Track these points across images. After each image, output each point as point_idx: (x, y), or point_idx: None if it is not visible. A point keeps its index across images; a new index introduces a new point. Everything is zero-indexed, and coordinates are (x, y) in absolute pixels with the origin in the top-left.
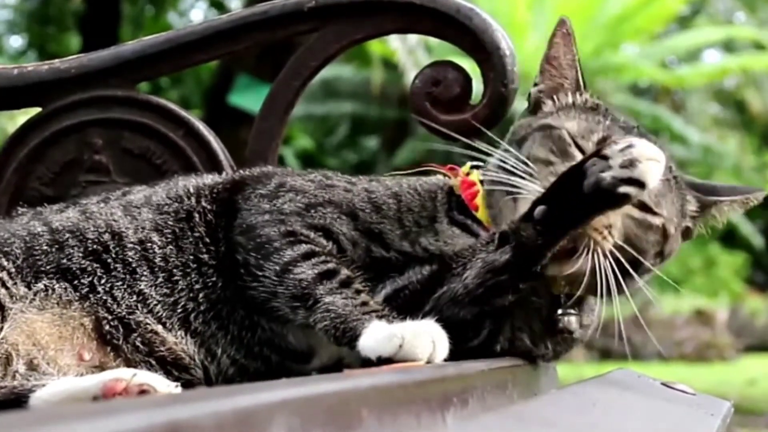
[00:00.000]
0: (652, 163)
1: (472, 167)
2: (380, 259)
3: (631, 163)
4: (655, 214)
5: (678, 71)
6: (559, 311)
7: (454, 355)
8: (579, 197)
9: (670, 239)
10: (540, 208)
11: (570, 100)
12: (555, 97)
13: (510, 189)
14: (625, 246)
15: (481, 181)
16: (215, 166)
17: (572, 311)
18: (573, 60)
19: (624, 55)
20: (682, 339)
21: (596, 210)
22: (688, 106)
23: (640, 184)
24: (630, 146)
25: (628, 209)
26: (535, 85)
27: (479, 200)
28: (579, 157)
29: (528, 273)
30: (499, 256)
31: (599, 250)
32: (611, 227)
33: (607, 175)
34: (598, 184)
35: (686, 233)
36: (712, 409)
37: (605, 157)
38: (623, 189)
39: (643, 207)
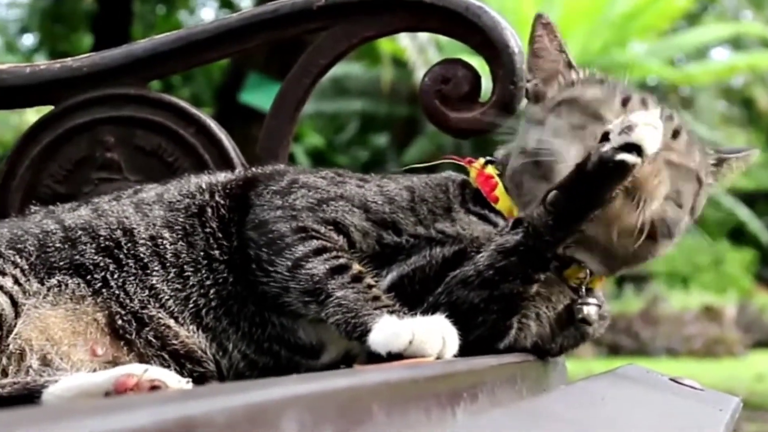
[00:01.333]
0: (648, 128)
1: (487, 162)
2: (391, 245)
3: (628, 129)
4: (688, 160)
5: (686, 69)
6: (579, 301)
7: (463, 345)
8: (586, 178)
9: (702, 191)
10: (552, 193)
11: (573, 77)
12: (558, 79)
13: (545, 163)
14: (671, 194)
15: (499, 174)
16: (226, 163)
17: (592, 300)
18: (560, 45)
19: (632, 52)
20: (690, 335)
21: (603, 186)
22: (696, 104)
23: (638, 150)
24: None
25: (667, 154)
26: (529, 81)
27: (498, 192)
28: (610, 117)
29: (539, 258)
30: (510, 237)
31: (655, 197)
32: (660, 174)
33: (607, 147)
34: (600, 158)
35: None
36: (721, 405)
37: (607, 137)
38: (621, 156)
39: (677, 152)
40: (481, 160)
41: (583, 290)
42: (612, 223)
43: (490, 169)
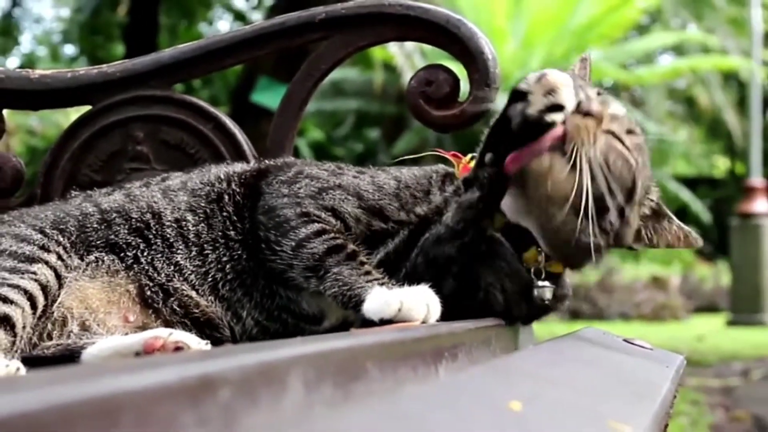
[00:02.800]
0: (567, 88)
1: (472, 158)
2: (379, 231)
3: (551, 92)
4: (630, 152)
5: (636, 72)
6: (534, 283)
7: (444, 302)
8: (513, 137)
9: (634, 201)
10: (488, 155)
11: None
12: None
13: None
14: (603, 167)
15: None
16: (239, 154)
17: (544, 284)
18: (585, 77)
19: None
20: (641, 301)
21: (531, 141)
22: (646, 103)
23: (561, 108)
24: (544, 74)
25: (613, 141)
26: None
27: None
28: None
29: (498, 200)
30: (471, 195)
31: (583, 153)
32: (596, 135)
33: (532, 110)
34: (525, 120)
35: (638, 234)
36: (667, 362)
37: (523, 94)
38: (551, 117)
39: (623, 141)
40: (468, 156)
41: (538, 273)
42: (546, 178)
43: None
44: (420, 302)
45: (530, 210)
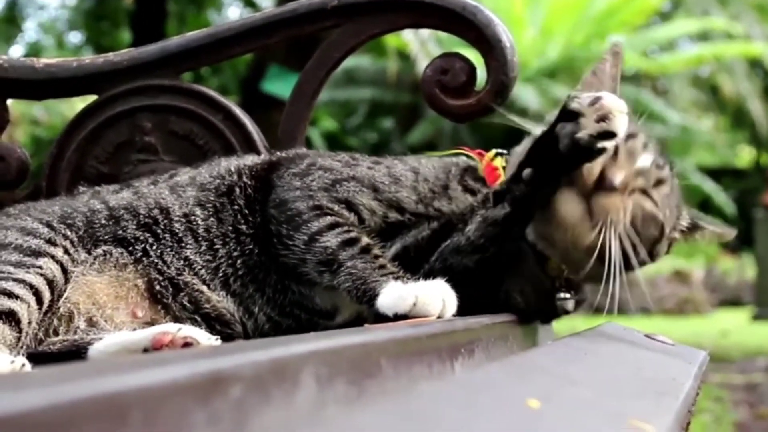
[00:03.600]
0: (622, 115)
1: (497, 154)
2: (395, 223)
3: (605, 118)
4: (659, 207)
5: (659, 59)
6: (560, 295)
7: (461, 305)
8: (559, 157)
9: (663, 241)
10: (527, 171)
11: None
12: None
13: None
14: (630, 233)
15: (499, 154)
16: (250, 145)
17: (565, 295)
18: (616, 75)
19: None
20: (663, 296)
21: (577, 165)
22: (669, 91)
23: (613, 136)
24: (599, 99)
25: (641, 199)
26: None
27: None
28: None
29: (521, 225)
30: (498, 211)
31: (613, 229)
32: (626, 210)
33: (584, 135)
34: (576, 143)
35: (669, 245)
36: (690, 358)
37: (574, 114)
38: (602, 144)
39: (652, 200)
40: (492, 153)
41: (558, 284)
42: (567, 229)
43: (498, 161)
44: (436, 297)
45: (554, 243)
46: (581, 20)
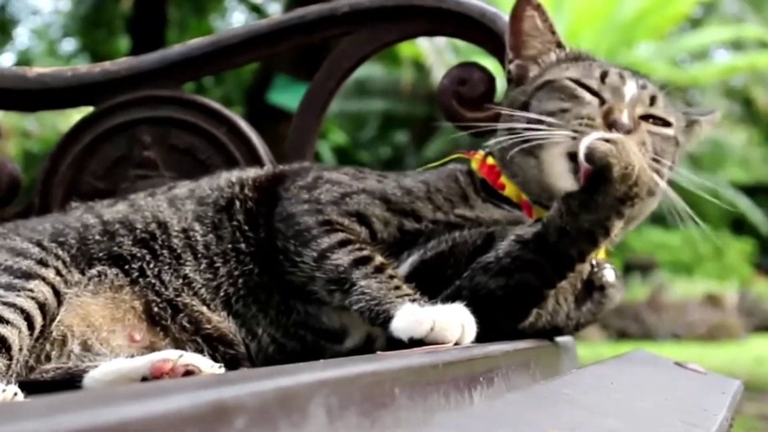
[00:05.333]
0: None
1: (487, 153)
2: (412, 231)
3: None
4: (669, 125)
5: (689, 69)
6: (595, 269)
7: (480, 327)
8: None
9: (679, 150)
10: (569, 195)
11: (554, 57)
12: (539, 61)
13: (535, 143)
14: (652, 165)
15: (489, 153)
16: (256, 160)
17: (606, 265)
18: (552, 26)
19: (638, 53)
20: (694, 320)
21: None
22: (700, 103)
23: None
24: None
25: (649, 126)
26: (511, 61)
27: (504, 179)
28: (588, 97)
29: (553, 251)
30: (528, 228)
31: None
32: (646, 145)
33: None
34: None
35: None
36: (724, 387)
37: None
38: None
39: (661, 121)
40: (482, 152)
41: (594, 261)
42: None
43: (491, 160)
44: (454, 322)
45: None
46: (607, 27)
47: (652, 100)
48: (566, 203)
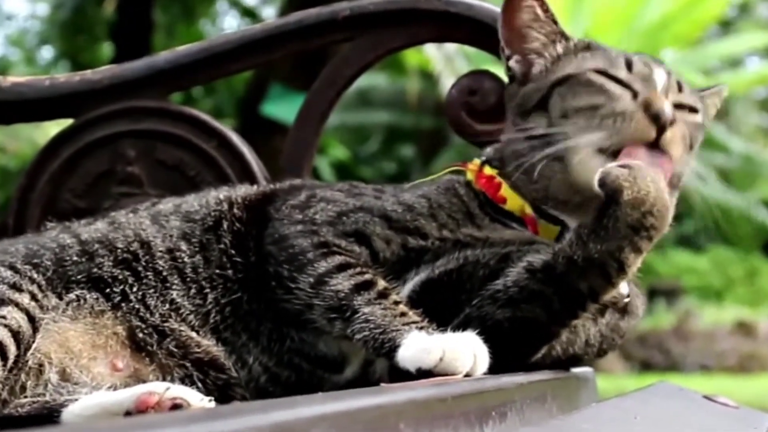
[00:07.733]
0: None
1: (483, 162)
2: (417, 249)
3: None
4: (696, 111)
5: (720, 78)
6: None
7: (494, 361)
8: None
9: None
10: (581, 225)
11: (560, 50)
12: (545, 54)
13: (560, 150)
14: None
15: (491, 164)
16: (249, 177)
17: (624, 292)
18: (554, 16)
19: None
20: (724, 350)
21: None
22: (731, 114)
23: None
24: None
25: (684, 115)
26: (509, 57)
27: (504, 192)
28: (618, 91)
29: (563, 285)
30: (537, 257)
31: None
32: (685, 136)
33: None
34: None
35: None
36: (755, 423)
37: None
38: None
39: (692, 109)
40: (477, 161)
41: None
42: None
43: (489, 170)
44: (465, 351)
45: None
46: (629, 34)
47: (680, 87)
48: (577, 232)
